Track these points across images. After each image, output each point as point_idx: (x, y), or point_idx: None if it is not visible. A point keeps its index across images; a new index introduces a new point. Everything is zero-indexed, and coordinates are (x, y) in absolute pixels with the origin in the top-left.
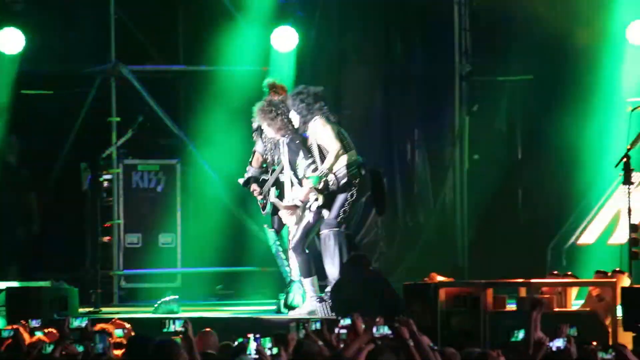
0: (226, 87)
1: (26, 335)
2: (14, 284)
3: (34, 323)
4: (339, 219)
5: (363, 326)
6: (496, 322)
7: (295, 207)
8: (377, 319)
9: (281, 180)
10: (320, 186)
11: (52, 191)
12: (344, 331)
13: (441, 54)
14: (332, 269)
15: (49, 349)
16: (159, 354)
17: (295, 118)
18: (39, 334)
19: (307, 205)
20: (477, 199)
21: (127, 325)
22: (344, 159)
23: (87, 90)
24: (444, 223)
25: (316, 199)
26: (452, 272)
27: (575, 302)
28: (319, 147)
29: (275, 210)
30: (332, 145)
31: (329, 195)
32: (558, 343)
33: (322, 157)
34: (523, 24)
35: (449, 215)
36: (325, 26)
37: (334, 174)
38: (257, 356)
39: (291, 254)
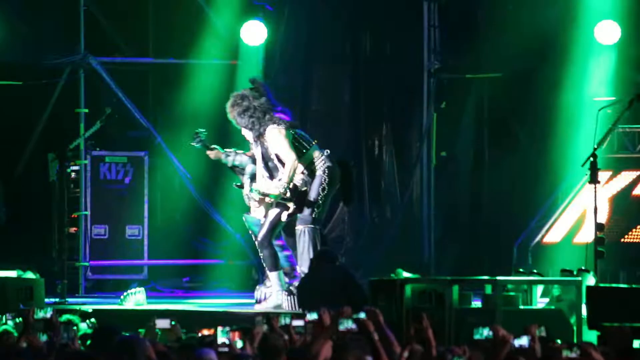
0: (195, 80)
1: None
2: None
3: (7, 316)
4: (313, 215)
5: (329, 321)
6: (461, 318)
7: (262, 200)
8: (345, 308)
9: (254, 173)
10: (287, 195)
11: (19, 181)
12: (299, 323)
13: (410, 51)
14: (304, 264)
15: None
16: (124, 349)
17: (248, 134)
18: (9, 324)
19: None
20: (443, 195)
21: (92, 319)
22: (301, 166)
23: (55, 82)
24: (410, 219)
25: (286, 208)
26: (418, 269)
27: (540, 300)
28: (277, 155)
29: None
30: (287, 156)
31: (299, 197)
32: (522, 341)
33: (282, 164)
34: (492, 22)
35: (416, 211)
36: (295, 21)
37: (302, 172)
38: (226, 349)
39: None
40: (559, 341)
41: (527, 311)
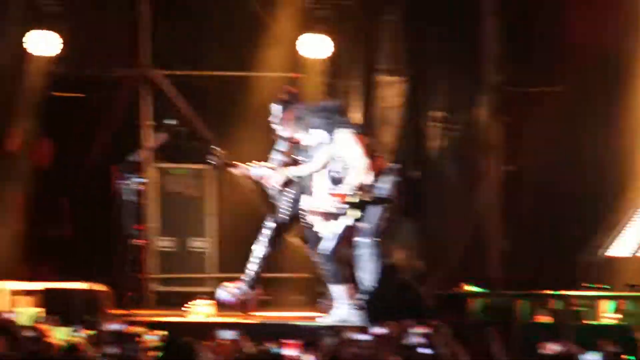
0: (257, 92)
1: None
2: (50, 285)
3: (76, 327)
4: (375, 228)
5: (395, 334)
6: (529, 333)
7: (328, 213)
8: (410, 323)
9: (314, 185)
10: (355, 200)
11: (84, 193)
12: (366, 337)
13: (472, 65)
14: (366, 277)
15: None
16: (181, 355)
17: (323, 135)
18: (76, 336)
19: (339, 211)
20: (510, 209)
21: (160, 331)
22: (370, 175)
23: (119, 94)
24: (476, 233)
25: (351, 213)
26: (485, 283)
27: (607, 315)
28: (347, 159)
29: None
30: (358, 161)
31: (364, 205)
32: (592, 357)
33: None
34: (555, 34)
35: (482, 225)
36: (355, 34)
37: (367, 185)
38: None
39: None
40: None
41: (595, 326)
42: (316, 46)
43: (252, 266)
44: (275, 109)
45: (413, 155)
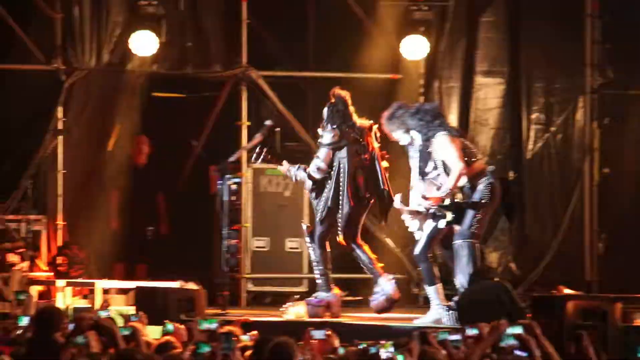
0: (355, 94)
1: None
2: (142, 283)
3: (169, 326)
4: (472, 229)
5: (488, 335)
6: (625, 336)
7: (419, 212)
8: (503, 325)
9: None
10: (447, 203)
11: (180, 193)
12: (457, 337)
13: (571, 66)
14: (463, 279)
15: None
16: (277, 354)
17: (417, 136)
18: (169, 334)
19: (431, 211)
20: (606, 213)
21: (253, 331)
22: (465, 178)
23: (217, 94)
24: (572, 236)
25: (444, 216)
26: (580, 286)
27: None
28: (443, 162)
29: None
30: (455, 165)
31: (458, 208)
32: None
33: (447, 173)
34: None
35: (578, 227)
36: (455, 36)
37: (462, 187)
38: None
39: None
40: None
41: None
42: (415, 47)
43: (316, 271)
44: (325, 113)
45: (510, 157)
